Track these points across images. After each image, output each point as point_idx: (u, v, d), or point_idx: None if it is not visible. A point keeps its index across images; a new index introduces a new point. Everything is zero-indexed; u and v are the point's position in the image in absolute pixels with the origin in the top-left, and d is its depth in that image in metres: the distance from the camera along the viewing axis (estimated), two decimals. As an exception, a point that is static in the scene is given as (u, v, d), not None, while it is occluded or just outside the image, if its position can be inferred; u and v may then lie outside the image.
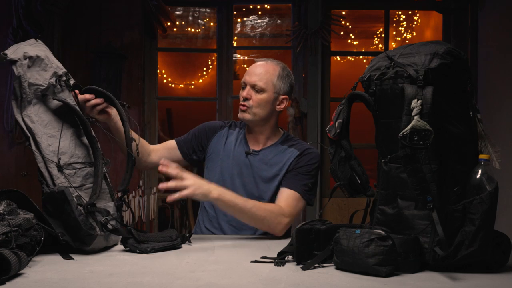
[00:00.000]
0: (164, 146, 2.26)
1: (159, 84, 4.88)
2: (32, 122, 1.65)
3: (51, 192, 1.59)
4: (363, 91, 1.55)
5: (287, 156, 2.14)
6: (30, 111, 1.66)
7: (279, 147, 2.18)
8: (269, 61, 2.20)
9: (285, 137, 2.22)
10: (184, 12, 5.52)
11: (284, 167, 2.12)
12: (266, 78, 2.13)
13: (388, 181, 1.49)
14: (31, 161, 1.75)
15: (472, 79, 1.48)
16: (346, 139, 1.64)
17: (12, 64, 1.64)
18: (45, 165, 1.64)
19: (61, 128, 1.69)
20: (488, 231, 1.40)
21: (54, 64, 1.72)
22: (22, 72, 1.64)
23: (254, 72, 2.15)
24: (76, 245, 1.60)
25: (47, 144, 1.65)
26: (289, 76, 2.19)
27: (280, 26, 5.71)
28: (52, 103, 1.70)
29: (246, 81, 2.15)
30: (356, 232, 1.41)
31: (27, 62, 1.64)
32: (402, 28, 5.65)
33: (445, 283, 1.33)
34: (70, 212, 1.57)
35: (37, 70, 1.67)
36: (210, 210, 2.19)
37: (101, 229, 1.62)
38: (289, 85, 2.19)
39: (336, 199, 3.96)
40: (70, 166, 1.67)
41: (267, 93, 2.13)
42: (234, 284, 1.30)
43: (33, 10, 3.64)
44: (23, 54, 1.65)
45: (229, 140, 2.23)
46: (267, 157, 2.14)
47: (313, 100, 4.00)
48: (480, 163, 1.44)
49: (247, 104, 2.13)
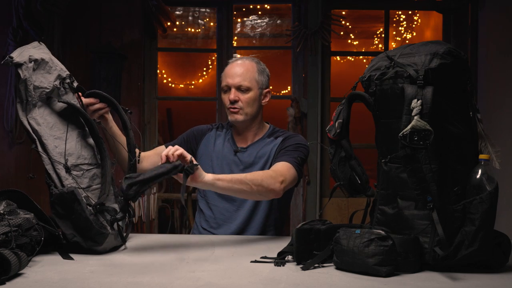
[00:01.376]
0: (155, 152, 2.26)
1: (159, 84, 4.88)
2: (38, 124, 1.65)
3: (61, 193, 1.58)
4: (363, 91, 1.55)
5: (273, 144, 2.17)
6: (35, 114, 1.66)
7: (266, 140, 2.20)
8: (244, 59, 2.22)
9: (272, 130, 2.25)
10: (184, 12, 5.51)
11: (271, 154, 2.14)
12: (249, 77, 2.15)
13: (388, 181, 1.49)
14: (34, 163, 1.74)
15: (472, 79, 1.48)
16: (346, 139, 1.64)
17: (18, 68, 1.64)
18: (52, 166, 1.65)
19: (66, 130, 1.70)
20: (488, 231, 1.40)
21: (58, 67, 1.73)
22: (28, 75, 1.64)
23: (235, 73, 2.16)
24: (88, 245, 1.60)
25: (54, 146, 1.66)
26: (265, 69, 2.23)
27: (280, 26, 5.71)
28: (56, 106, 1.70)
29: (230, 84, 2.16)
30: (356, 232, 1.41)
31: (32, 65, 1.65)
32: (402, 28, 5.65)
33: (445, 283, 1.33)
34: (81, 212, 1.57)
35: (42, 73, 1.67)
36: (207, 211, 2.19)
37: (112, 227, 1.63)
38: (267, 77, 2.23)
39: (336, 199, 3.96)
40: (77, 167, 1.68)
41: (253, 90, 2.15)
42: (234, 284, 1.30)
43: (33, 10, 3.64)
44: (29, 57, 1.65)
45: (218, 141, 2.24)
46: (255, 151, 2.16)
47: (313, 100, 3.99)
48: (480, 163, 1.44)
49: (237, 106, 2.14)
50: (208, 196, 2.20)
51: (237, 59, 2.24)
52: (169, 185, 5.11)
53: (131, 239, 1.87)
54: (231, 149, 2.20)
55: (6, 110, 3.67)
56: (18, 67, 1.64)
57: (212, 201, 2.18)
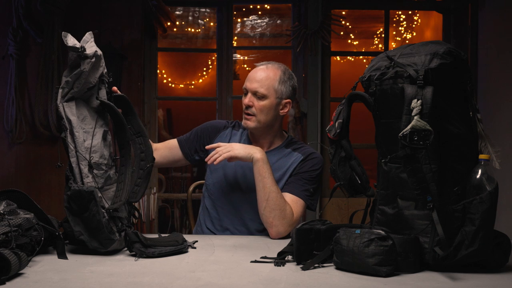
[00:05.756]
0: (166, 145, 2.25)
1: (159, 84, 4.88)
2: (72, 114, 1.65)
3: (80, 190, 1.57)
4: (363, 91, 1.55)
5: (291, 161, 2.13)
6: (72, 104, 1.66)
7: (283, 150, 2.16)
8: (269, 64, 2.15)
9: (289, 141, 2.20)
10: (184, 12, 5.51)
11: (287, 171, 2.11)
12: (267, 84, 2.09)
13: (388, 181, 1.49)
14: (34, 160, 1.71)
15: (472, 79, 1.48)
16: (346, 139, 1.64)
17: (81, 59, 1.63)
18: (77, 160, 1.64)
19: (94, 126, 1.69)
20: (488, 231, 1.40)
21: (103, 63, 1.73)
22: (87, 69, 1.64)
23: (255, 78, 2.10)
24: (93, 246, 1.59)
25: (83, 139, 1.65)
26: (290, 79, 2.14)
27: (280, 26, 5.70)
28: (91, 100, 1.70)
29: (247, 88, 2.11)
30: (356, 232, 1.41)
31: (94, 61, 1.65)
32: (402, 28, 5.65)
33: (445, 283, 1.33)
34: (95, 214, 1.56)
35: (94, 69, 1.68)
36: (213, 211, 2.18)
37: (120, 235, 1.63)
38: (292, 88, 2.15)
39: (336, 199, 3.96)
40: (99, 167, 1.68)
41: (269, 99, 2.09)
42: (234, 284, 1.30)
43: (33, 10, 3.64)
44: (94, 52, 1.65)
45: (232, 140, 2.20)
46: (271, 160, 2.09)
47: (313, 100, 3.99)
48: (480, 163, 1.44)
49: (250, 112, 2.10)
50: (215, 196, 2.17)
51: (264, 63, 2.16)
52: (169, 185, 5.12)
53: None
54: None
55: (6, 110, 3.67)
56: (82, 59, 1.63)
57: (218, 202, 2.16)
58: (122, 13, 3.95)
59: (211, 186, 2.19)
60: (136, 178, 1.76)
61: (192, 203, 2.71)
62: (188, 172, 5.46)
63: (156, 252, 1.61)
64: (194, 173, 5.50)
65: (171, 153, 2.23)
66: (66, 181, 1.64)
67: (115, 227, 1.64)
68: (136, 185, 1.75)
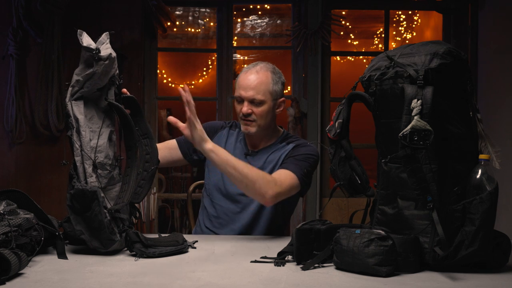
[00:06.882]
0: (165, 146, 2.26)
1: (159, 84, 4.88)
2: (80, 113, 1.66)
3: (83, 190, 1.57)
4: (363, 91, 1.55)
5: (283, 150, 2.13)
6: (80, 103, 1.66)
7: (278, 145, 2.17)
8: (257, 67, 2.12)
9: (285, 136, 2.21)
10: (184, 12, 5.51)
11: (279, 160, 2.11)
12: (263, 90, 2.08)
13: (388, 181, 1.49)
14: (34, 160, 1.71)
15: (472, 79, 1.48)
16: (346, 139, 1.64)
17: (94, 60, 1.63)
18: (82, 159, 1.64)
19: (101, 126, 1.69)
20: (488, 231, 1.40)
21: (116, 65, 1.72)
22: (99, 71, 1.64)
23: (249, 85, 2.08)
24: (93, 245, 1.59)
25: (89, 138, 1.65)
26: (280, 77, 2.15)
27: (280, 26, 5.70)
28: (98, 100, 1.70)
29: (243, 96, 2.09)
30: (356, 232, 1.41)
31: (107, 63, 1.64)
32: (402, 28, 5.65)
33: (445, 283, 1.33)
34: (97, 214, 1.56)
35: (107, 70, 1.67)
36: (211, 210, 2.19)
37: (121, 236, 1.63)
38: (282, 85, 2.15)
39: (336, 199, 3.96)
40: (103, 167, 1.68)
41: (267, 103, 2.09)
42: (234, 284, 1.30)
43: (33, 10, 3.64)
44: (109, 54, 1.64)
45: (229, 141, 2.22)
46: (265, 155, 2.13)
47: (313, 100, 3.99)
48: (480, 163, 1.44)
49: (250, 119, 2.09)
50: (213, 194, 2.18)
51: (251, 67, 2.13)
52: (169, 185, 5.11)
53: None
54: (242, 151, 2.18)
55: (6, 110, 3.67)
56: (95, 60, 1.63)
57: (216, 200, 2.17)
58: (122, 13, 3.94)
59: (210, 185, 2.20)
60: (139, 179, 1.76)
61: (192, 203, 2.71)
62: (188, 172, 5.47)
63: (157, 252, 1.61)
64: (194, 173, 5.50)
65: (171, 153, 2.23)
66: (70, 179, 1.64)
67: (117, 227, 1.64)
68: (139, 186, 1.75)
